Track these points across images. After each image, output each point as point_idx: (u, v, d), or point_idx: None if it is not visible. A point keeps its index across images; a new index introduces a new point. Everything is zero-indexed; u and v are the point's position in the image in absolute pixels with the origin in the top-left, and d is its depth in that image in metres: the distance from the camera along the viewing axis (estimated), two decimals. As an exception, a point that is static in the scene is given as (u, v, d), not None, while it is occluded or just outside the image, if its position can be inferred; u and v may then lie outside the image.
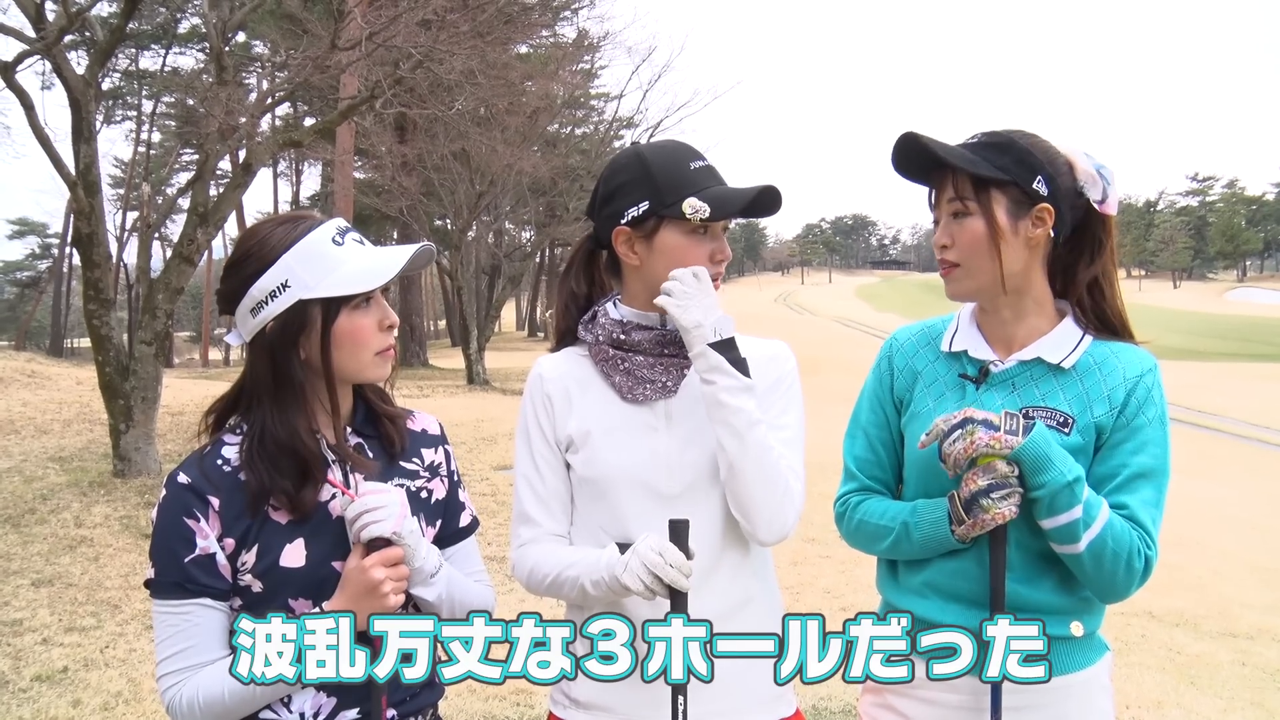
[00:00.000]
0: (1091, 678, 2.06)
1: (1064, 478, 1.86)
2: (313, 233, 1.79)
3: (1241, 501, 13.52)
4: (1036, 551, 1.99)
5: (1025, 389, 2.05)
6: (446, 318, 61.21)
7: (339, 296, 1.77)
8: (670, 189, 1.96)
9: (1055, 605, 2.01)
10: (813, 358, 36.39)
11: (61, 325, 57.59)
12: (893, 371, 2.25)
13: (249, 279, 1.77)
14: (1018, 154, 1.99)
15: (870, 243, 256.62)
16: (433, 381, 25.20)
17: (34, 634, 6.20)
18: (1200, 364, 40.82)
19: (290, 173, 55.83)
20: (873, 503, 2.19)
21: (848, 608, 7.18)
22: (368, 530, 1.70)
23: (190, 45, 44.92)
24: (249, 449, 1.77)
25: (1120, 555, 1.90)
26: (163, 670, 1.73)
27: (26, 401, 14.27)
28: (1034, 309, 2.08)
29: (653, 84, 31.05)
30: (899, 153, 2.06)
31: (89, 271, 10.07)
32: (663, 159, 2.01)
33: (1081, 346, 2.05)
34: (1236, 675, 6.14)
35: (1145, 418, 1.99)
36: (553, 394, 2.07)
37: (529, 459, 2.08)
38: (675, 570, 1.75)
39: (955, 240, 2.03)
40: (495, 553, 8.67)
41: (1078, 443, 1.98)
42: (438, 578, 1.84)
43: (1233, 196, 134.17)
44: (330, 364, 1.79)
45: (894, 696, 2.17)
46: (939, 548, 2.04)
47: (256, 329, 1.79)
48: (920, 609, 2.09)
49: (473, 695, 5.28)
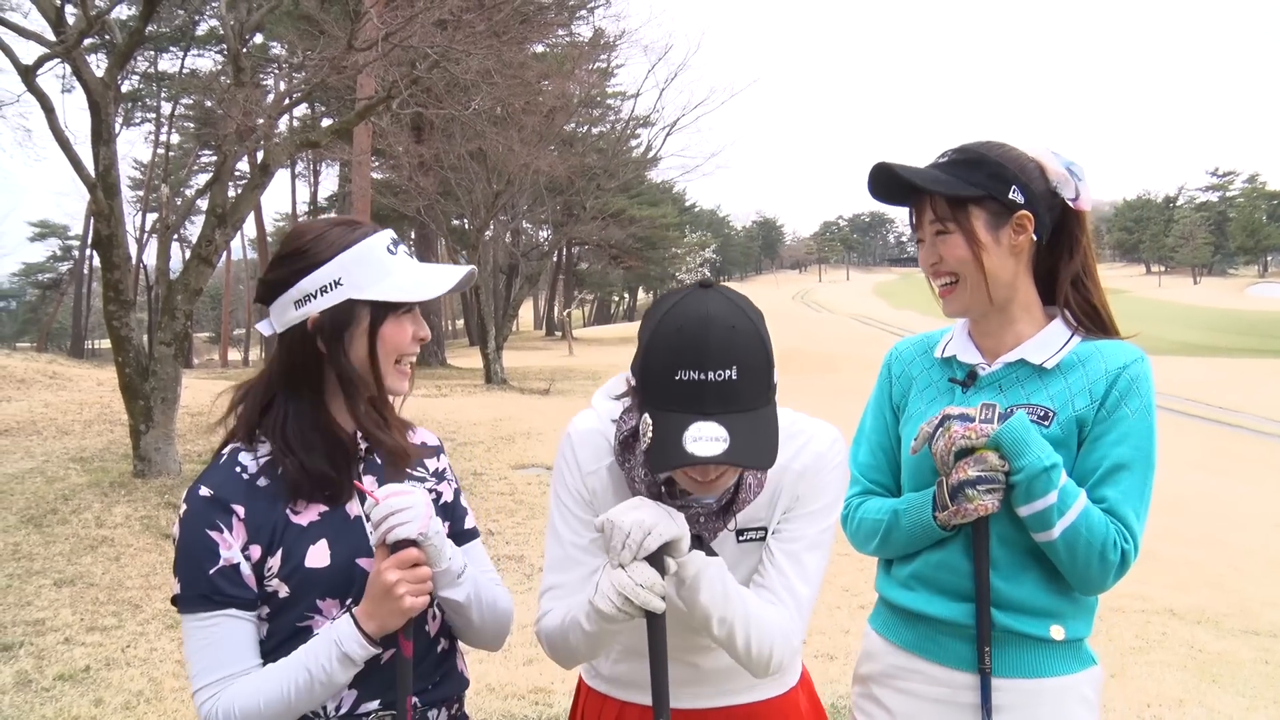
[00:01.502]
0: (1069, 686, 2.05)
1: (1040, 463, 1.90)
2: (370, 239, 1.84)
3: (1262, 498, 13.43)
4: (1021, 548, 2.02)
5: (1011, 390, 2.10)
6: (464, 317, 61.39)
7: (389, 301, 1.81)
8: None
9: (1036, 604, 2.02)
10: (830, 355, 36.41)
11: (82, 327, 57.92)
12: (891, 379, 2.34)
13: (301, 271, 1.80)
14: (989, 168, 2.03)
15: (888, 240, 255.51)
16: (451, 381, 25.26)
17: (56, 633, 6.24)
18: (1221, 360, 40.59)
19: (308, 173, 56.09)
20: (871, 502, 2.25)
21: (867, 605, 7.16)
22: (395, 533, 1.70)
23: (208, 47, 45.19)
24: (282, 438, 1.79)
25: (1094, 545, 1.91)
26: (197, 684, 1.73)
27: (48, 402, 14.38)
28: (1021, 314, 2.13)
29: (669, 82, 30.78)
30: (874, 183, 2.10)
31: (109, 273, 10.14)
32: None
33: (1068, 347, 2.08)
34: (1259, 673, 6.10)
35: (1127, 409, 2.00)
36: (586, 471, 1.94)
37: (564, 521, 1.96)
38: (646, 590, 1.63)
39: (944, 256, 2.08)
40: (514, 551, 8.71)
41: (1057, 434, 2.00)
42: (465, 577, 1.85)
43: (1253, 191, 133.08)
44: (375, 361, 1.82)
45: (878, 688, 2.22)
46: (924, 536, 2.08)
47: (295, 321, 1.81)
48: (906, 600, 2.15)
49: (492, 694, 5.29)
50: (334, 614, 1.78)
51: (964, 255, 2.04)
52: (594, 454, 1.94)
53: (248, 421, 1.85)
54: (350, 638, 1.71)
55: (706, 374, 1.61)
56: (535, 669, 5.70)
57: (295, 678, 1.71)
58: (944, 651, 2.08)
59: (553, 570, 1.95)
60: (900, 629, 2.18)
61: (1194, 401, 24.85)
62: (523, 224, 33.93)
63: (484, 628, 1.95)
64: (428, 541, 1.74)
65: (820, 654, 6.04)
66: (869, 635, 2.30)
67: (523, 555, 8.60)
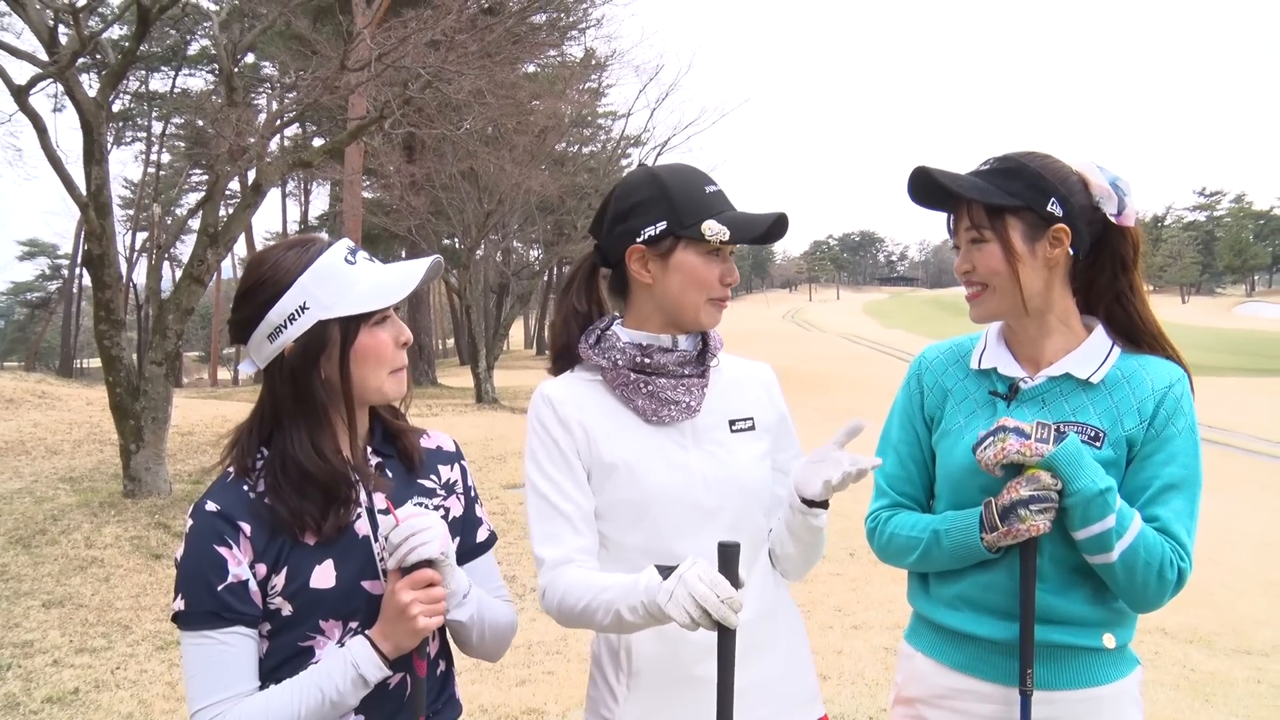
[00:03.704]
0: (1122, 690, 2.07)
1: (1095, 486, 1.89)
2: (325, 254, 1.80)
3: (1254, 517, 13.44)
4: (1069, 563, 2.01)
5: (1055, 405, 2.07)
6: (455, 336, 61.38)
7: (358, 314, 1.78)
8: (689, 211, 1.98)
9: (1087, 617, 2.03)
10: (821, 374, 36.40)
11: (71, 346, 57.67)
12: (922, 390, 2.28)
13: (265, 305, 1.77)
14: (1029, 178, 2.02)
15: (878, 259, 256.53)
16: (442, 400, 25.22)
17: (45, 655, 6.20)
18: (1210, 379, 40.66)
19: (299, 193, 56.07)
20: (903, 516, 2.22)
21: (860, 625, 7.15)
22: (416, 553, 1.69)
23: (200, 67, 45.26)
24: (273, 477, 1.76)
25: (1152, 565, 1.92)
26: (198, 704, 1.70)
27: (37, 422, 14.31)
28: (1059, 326, 2.11)
29: (660, 102, 30.85)
30: (914, 187, 2.10)
31: (100, 292, 10.13)
32: (680, 181, 2.02)
33: (1110, 361, 2.07)
34: (1252, 693, 6.09)
35: (1175, 429, 2.01)
36: (569, 419, 2.03)
37: (546, 478, 2.02)
38: (726, 607, 1.64)
39: (976, 266, 2.07)
40: (506, 571, 8.67)
41: (1109, 456, 2.00)
42: (469, 598, 1.85)
43: (1240, 211, 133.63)
44: (350, 382, 1.80)
45: (925, 708, 2.19)
46: (968, 556, 2.06)
47: (274, 354, 1.79)
48: (953, 621, 2.12)
49: (485, 716, 5.27)
50: (336, 635, 1.77)
51: (997, 265, 2.03)
52: (564, 391, 2.08)
53: (240, 464, 1.81)
54: (367, 659, 1.71)
55: (717, 185, 2.04)
56: (528, 690, 5.68)
57: (306, 699, 1.69)
58: (997, 670, 2.06)
59: (540, 521, 2.01)
60: (949, 650, 2.15)
61: (1184, 420, 24.84)
62: (514, 243, 33.95)
63: (482, 645, 1.95)
64: (446, 562, 1.74)
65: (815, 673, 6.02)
66: (912, 656, 2.25)
67: (515, 575, 8.58)
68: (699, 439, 2.05)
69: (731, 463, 2.05)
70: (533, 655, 6.38)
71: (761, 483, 2.09)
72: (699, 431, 2.06)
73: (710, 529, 1.96)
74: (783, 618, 2.12)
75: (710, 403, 2.08)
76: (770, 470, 2.12)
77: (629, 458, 2.01)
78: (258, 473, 1.79)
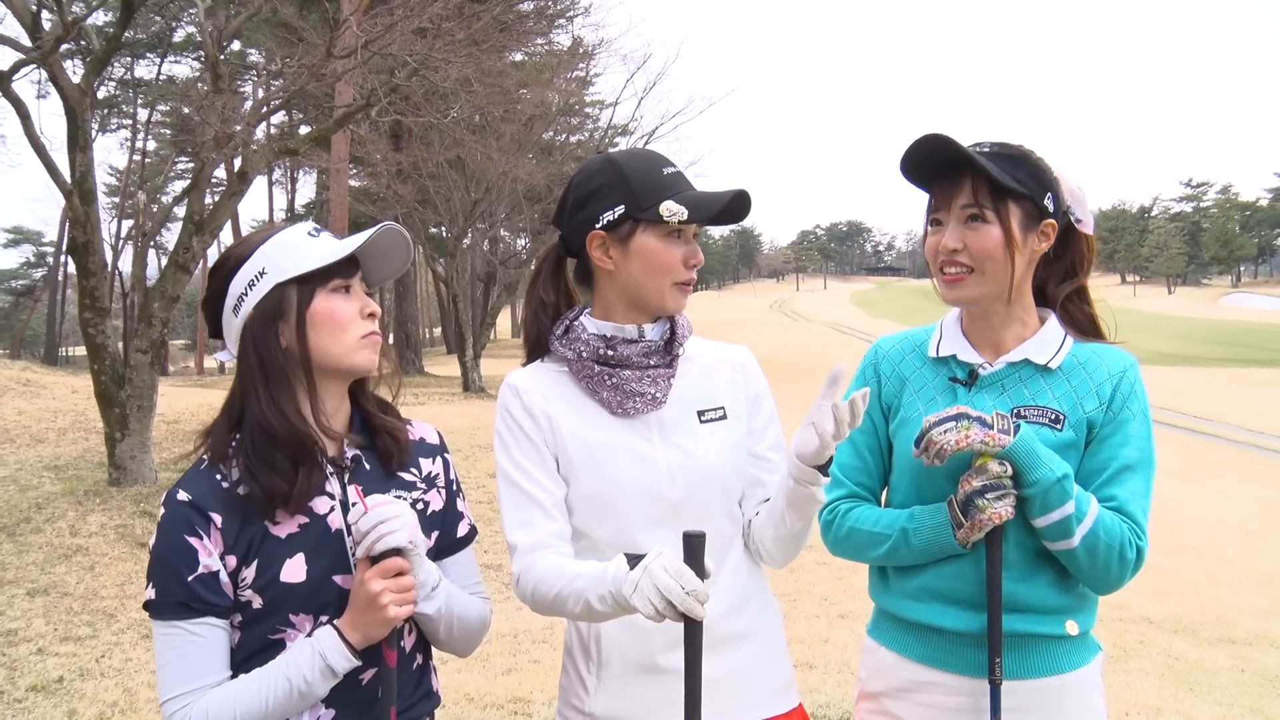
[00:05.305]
0: (1086, 677, 2.09)
1: (1053, 474, 1.92)
2: (290, 228, 1.85)
3: (1237, 507, 13.53)
4: (1033, 550, 2.03)
5: (1014, 389, 2.10)
6: (442, 325, 61.26)
7: (314, 281, 1.79)
8: (646, 193, 1.96)
9: (1051, 604, 2.04)
10: (807, 364, 36.41)
11: (56, 334, 57.41)
12: (879, 379, 2.28)
13: (228, 275, 1.82)
14: (1031, 169, 2.03)
15: (865, 249, 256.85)
16: (429, 389, 25.14)
17: (29, 644, 6.18)
18: (1195, 369, 40.88)
19: (285, 180, 55.85)
20: (863, 510, 2.20)
21: (846, 614, 7.17)
22: (383, 541, 1.68)
23: (185, 54, 44.93)
24: (246, 453, 1.75)
25: (1113, 547, 1.94)
26: (168, 694, 1.70)
27: (21, 410, 14.23)
28: (1021, 315, 2.14)
29: (647, 91, 30.79)
30: (919, 151, 2.03)
31: (84, 280, 10.06)
32: (637, 164, 2.01)
33: (1065, 348, 2.11)
34: (1235, 681, 6.14)
35: (1130, 412, 2.05)
36: (534, 408, 2.03)
37: (516, 466, 2.02)
38: (692, 599, 1.60)
39: (968, 245, 2.03)
40: (492, 560, 8.67)
41: (1070, 438, 2.03)
42: (437, 591, 1.83)
43: (1226, 202, 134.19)
44: (308, 349, 1.78)
45: (890, 701, 2.18)
46: (939, 553, 2.05)
47: (241, 328, 1.80)
48: (917, 614, 2.12)
49: (470, 704, 5.27)
50: (307, 628, 1.77)
51: (993, 249, 2.01)
52: (531, 382, 2.07)
53: (215, 450, 1.80)
54: (334, 650, 1.70)
55: (675, 166, 2.03)
56: (514, 679, 5.68)
57: (274, 688, 1.69)
58: (962, 661, 2.06)
59: (514, 509, 2.00)
60: (913, 643, 2.14)
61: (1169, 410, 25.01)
62: (501, 232, 33.79)
63: (450, 640, 1.94)
64: (415, 551, 1.73)
65: (799, 663, 6.04)
66: (876, 651, 2.23)
67: (500, 564, 8.57)
68: (665, 431, 2.04)
69: (698, 454, 2.03)
70: (519, 644, 6.38)
71: (732, 474, 2.07)
72: (665, 424, 2.04)
73: (676, 522, 1.93)
74: (757, 608, 2.09)
75: (678, 393, 2.07)
76: (745, 457, 2.10)
77: (594, 450, 2.00)
78: (231, 457, 1.78)
